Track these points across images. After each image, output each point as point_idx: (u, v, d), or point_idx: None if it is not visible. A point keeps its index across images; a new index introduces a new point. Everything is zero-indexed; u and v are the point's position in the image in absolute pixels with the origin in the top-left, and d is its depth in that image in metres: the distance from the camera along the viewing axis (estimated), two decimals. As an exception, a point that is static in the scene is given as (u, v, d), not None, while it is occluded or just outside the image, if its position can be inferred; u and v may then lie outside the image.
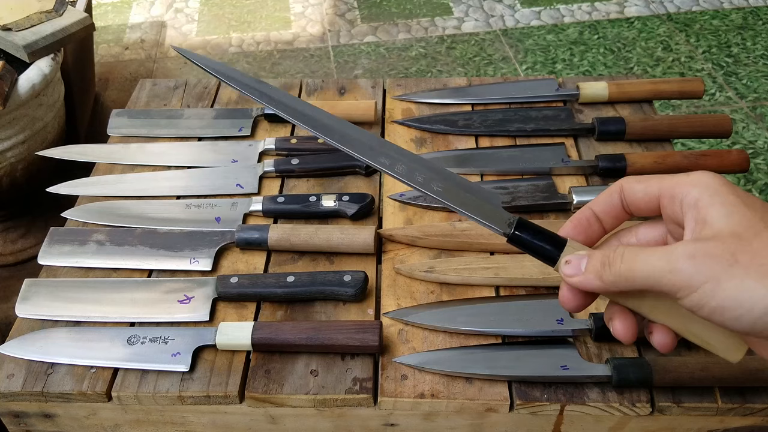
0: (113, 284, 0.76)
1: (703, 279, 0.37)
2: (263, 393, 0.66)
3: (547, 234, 0.46)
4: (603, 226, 0.46)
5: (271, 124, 0.99)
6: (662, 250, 0.39)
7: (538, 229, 0.47)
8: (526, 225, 0.47)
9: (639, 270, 0.39)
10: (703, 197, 0.39)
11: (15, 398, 0.68)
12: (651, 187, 0.42)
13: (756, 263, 0.36)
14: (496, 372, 0.66)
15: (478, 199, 0.48)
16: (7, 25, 1.09)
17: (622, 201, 0.44)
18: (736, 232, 0.37)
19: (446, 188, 0.48)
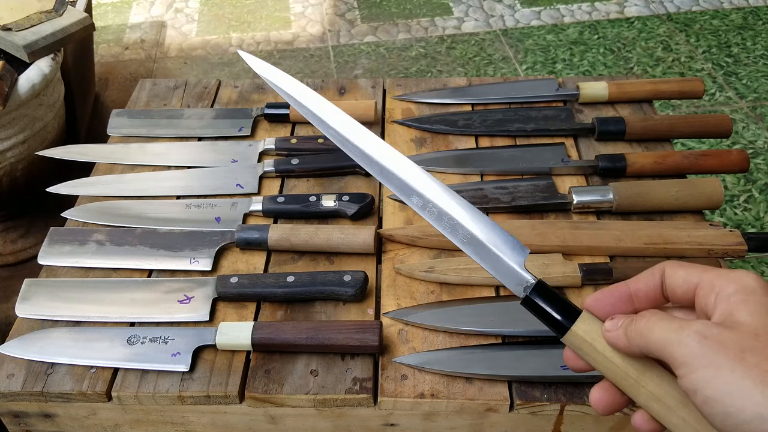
0: (113, 284, 0.76)
1: (705, 362, 0.36)
2: (263, 393, 0.66)
3: (562, 302, 0.45)
4: (635, 306, 0.44)
5: (271, 124, 0.99)
6: (681, 322, 0.39)
7: (554, 297, 0.45)
8: (544, 290, 0.45)
9: (655, 331, 0.39)
10: (739, 294, 0.38)
11: (15, 398, 0.68)
12: (692, 275, 0.41)
13: (761, 367, 0.35)
14: (496, 372, 0.66)
15: (502, 254, 0.47)
16: (7, 25, 1.09)
17: (663, 283, 0.43)
18: (756, 331, 0.36)
19: (471, 239, 0.47)
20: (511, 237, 0.48)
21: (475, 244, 0.47)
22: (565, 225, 0.80)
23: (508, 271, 0.47)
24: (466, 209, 0.49)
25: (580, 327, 0.43)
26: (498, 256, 0.47)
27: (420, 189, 0.49)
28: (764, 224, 1.56)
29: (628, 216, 0.83)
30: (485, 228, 0.48)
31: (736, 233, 0.77)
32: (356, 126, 0.52)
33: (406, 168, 0.50)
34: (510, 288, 0.46)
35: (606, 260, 0.78)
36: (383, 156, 0.51)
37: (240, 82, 1.08)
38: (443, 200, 0.49)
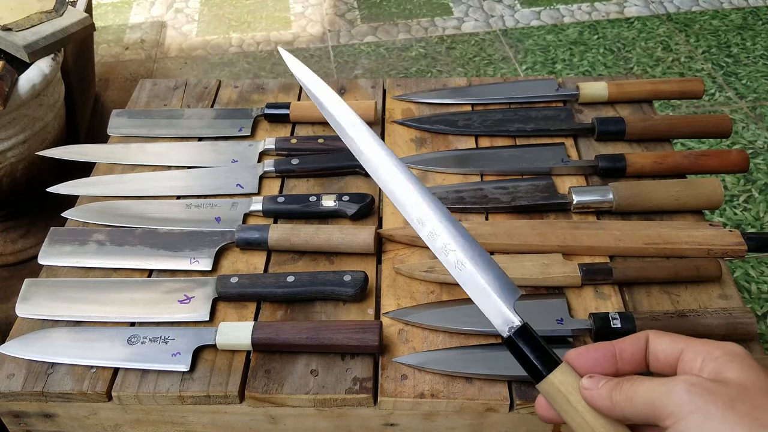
0: (113, 284, 0.76)
1: (693, 408, 0.36)
2: (263, 393, 0.66)
3: (543, 349, 0.44)
4: (617, 366, 0.43)
5: (271, 124, 0.99)
6: (666, 378, 0.39)
7: (537, 343, 0.45)
8: (528, 334, 0.45)
9: (641, 390, 0.39)
10: (726, 355, 0.39)
11: (15, 398, 0.69)
12: (677, 342, 0.41)
13: (750, 416, 0.35)
14: (496, 372, 0.66)
15: (493, 290, 0.47)
16: (7, 25, 1.09)
17: (647, 347, 0.43)
18: (744, 384, 0.37)
19: (468, 274, 0.48)
20: (505, 276, 0.48)
21: (468, 275, 0.48)
22: (565, 225, 0.80)
23: (496, 308, 0.47)
24: (468, 240, 0.49)
25: (557, 376, 0.43)
26: (489, 291, 0.47)
27: (430, 219, 0.50)
28: (764, 224, 1.56)
29: (628, 216, 0.83)
30: (482, 261, 0.48)
31: (735, 233, 0.77)
32: (379, 148, 0.54)
33: (422, 198, 0.51)
34: (495, 325, 0.46)
35: (606, 260, 0.78)
36: (400, 185, 0.52)
37: (240, 82, 1.08)
38: (449, 229, 0.49)
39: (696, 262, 0.75)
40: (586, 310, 0.73)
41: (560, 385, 0.43)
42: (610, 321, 0.68)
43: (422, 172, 0.90)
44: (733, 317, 0.68)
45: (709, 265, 0.74)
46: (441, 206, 0.51)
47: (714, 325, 0.68)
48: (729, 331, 0.68)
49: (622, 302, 0.73)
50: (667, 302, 0.74)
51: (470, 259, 0.48)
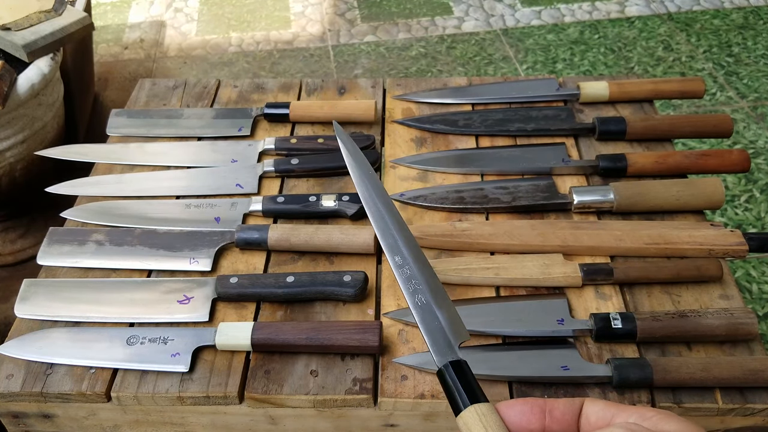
0: (113, 284, 0.76)
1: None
2: (263, 393, 0.66)
3: (472, 388, 0.44)
4: (545, 424, 0.42)
5: (270, 124, 0.99)
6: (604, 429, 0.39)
7: (467, 380, 0.44)
8: (461, 370, 0.45)
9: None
10: (660, 415, 0.39)
11: (14, 398, 0.68)
12: (610, 407, 0.41)
13: None
14: (497, 372, 0.66)
15: (445, 327, 0.48)
16: (6, 25, 1.09)
17: (580, 412, 0.42)
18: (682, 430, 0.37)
19: (423, 306, 0.50)
20: (460, 321, 0.50)
21: (426, 311, 0.50)
22: (566, 225, 0.80)
23: (442, 341, 0.47)
24: (434, 283, 0.52)
25: (479, 410, 0.42)
26: (441, 327, 0.49)
27: (404, 251, 0.53)
28: (765, 224, 1.55)
29: (628, 216, 0.83)
30: (442, 302, 0.51)
31: (737, 233, 0.77)
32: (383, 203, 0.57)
33: (400, 232, 0.55)
34: (433, 356, 0.46)
35: (607, 260, 0.78)
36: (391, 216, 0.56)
37: (240, 82, 1.07)
38: (419, 265, 0.52)
39: (697, 262, 0.74)
40: (587, 310, 0.73)
41: (481, 417, 0.41)
42: (611, 321, 0.68)
43: (422, 172, 0.90)
44: (734, 317, 0.68)
45: (710, 266, 0.74)
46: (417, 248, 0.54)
47: (715, 325, 0.68)
48: (730, 332, 0.68)
49: (623, 302, 0.73)
50: (668, 302, 0.73)
51: (432, 297, 0.51)
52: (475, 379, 0.44)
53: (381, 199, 0.57)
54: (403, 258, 0.53)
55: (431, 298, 0.50)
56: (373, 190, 0.58)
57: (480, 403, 0.42)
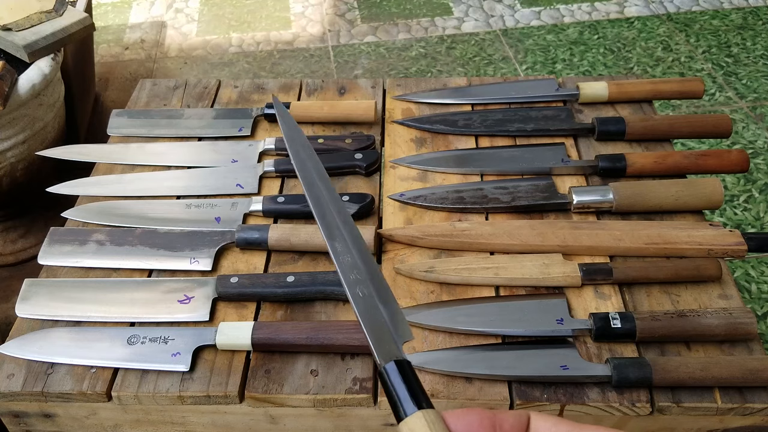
0: (113, 284, 0.76)
1: None
2: (263, 393, 0.66)
3: (415, 391, 0.40)
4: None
5: (270, 124, 0.99)
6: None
7: (411, 382, 0.41)
8: (405, 371, 0.42)
9: None
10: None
11: (15, 398, 0.68)
12: (560, 426, 0.38)
13: None
14: (496, 372, 0.66)
15: (387, 323, 0.45)
16: (7, 25, 1.09)
17: (528, 427, 0.39)
18: None
19: (365, 298, 0.46)
20: (404, 319, 0.46)
21: (367, 303, 0.46)
22: (565, 225, 0.80)
23: (385, 339, 0.44)
24: (377, 275, 0.48)
25: (428, 416, 0.39)
26: (383, 323, 0.45)
27: (346, 237, 0.49)
28: (764, 224, 1.56)
29: (628, 216, 0.83)
30: (385, 296, 0.47)
31: (736, 233, 0.77)
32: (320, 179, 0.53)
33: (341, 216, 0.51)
34: (375, 353, 0.43)
35: (606, 260, 0.78)
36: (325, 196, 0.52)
37: (240, 82, 1.08)
38: (362, 256, 0.48)
39: (696, 262, 0.75)
40: (586, 310, 0.73)
41: (430, 426, 0.38)
42: (610, 321, 0.68)
43: (422, 172, 0.90)
44: (733, 317, 0.68)
45: (709, 265, 0.74)
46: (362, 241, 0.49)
47: (714, 325, 0.68)
48: (729, 331, 0.68)
49: (622, 302, 0.73)
50: (668, 302, 0.74)
51: (376, 292, 0.46)
52: (419, 382, 0.41)
53: (322, 183, 0.53)
54: (345, 246, 0.49)
55: (374, 291, 0.46)
56: (312, 168, 0.53)
57: (427, 409, 0.39)
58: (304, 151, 0.55)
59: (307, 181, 0.53)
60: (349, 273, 0.47)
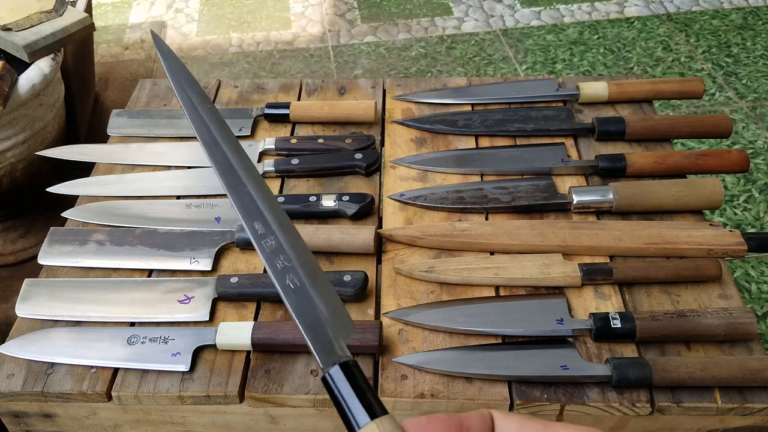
0: (113, 284, 0.76)
1: None
2: (263, 393, 0.66)
3: (367, 397, 0.35)
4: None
5: (271, 124, 0.99)
6: None
7: (361, 386, 0.36)
8: (352, 373, 0.37)
9: None
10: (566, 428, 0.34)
11: (15, 398, 0.68)
12: (529, 425, 0.36)
13: None
14: (496, 372, 0.66)
15: (325, 317, 0.39)
16: (7, 25, 1.09)
17: (493, 427, 0.36)
18: None
19: (300, 288, 0.39)
20: (343, 308, 0.40)
21: (300, 295, 0.39)
22: (565, 225, 0.80)
23: (324, 337, 0.38)
24: (308, 259, 0.41)
25: (381, 427, 0.34)
26: (321, 318, 0.39)
27: (267, 215, 0.42)
28: (764, 224, 1.56)
29: (628, 216, 0.83)
30: (320, 284, 0.40)
31: (735, 233, 0.77)
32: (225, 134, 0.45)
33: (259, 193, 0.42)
34: (316, 356, 0.38)
35: (606, 260, 0.78)
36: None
37: (240, 82, 1.08)
38: (287, 236, 0.41)
39: (696, 262, 0.75)
40: (586, 310, 0.73)
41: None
42: (610, 321, 0.68)
43: (422, 172, 0.90)
44: (733, 317, 0.68)
45: (709, 265, 0.74)
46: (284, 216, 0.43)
47: (714, 324, 0.68)
48: (729, 331, 0.68)
49: (622, 302, 0.73)
50: (668, 302, 0.74)
51: (309, 279, 0.40)
52: (368, 383, 0.37)
53: (229, 145, 0.44)
54: (265, 225, 0.41)
55: (306, 278, 0.40)
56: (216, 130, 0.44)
57: (381, 417, 0.34)
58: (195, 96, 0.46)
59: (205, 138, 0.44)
60: (274, 260, 0.40)
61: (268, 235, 0.41)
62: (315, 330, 0.38)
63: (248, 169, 0.43)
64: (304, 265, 0.40)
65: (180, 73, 0.49)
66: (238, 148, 0.44)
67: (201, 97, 0.47)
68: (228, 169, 0.43)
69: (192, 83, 0.48)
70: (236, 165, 0.43)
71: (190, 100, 0.46)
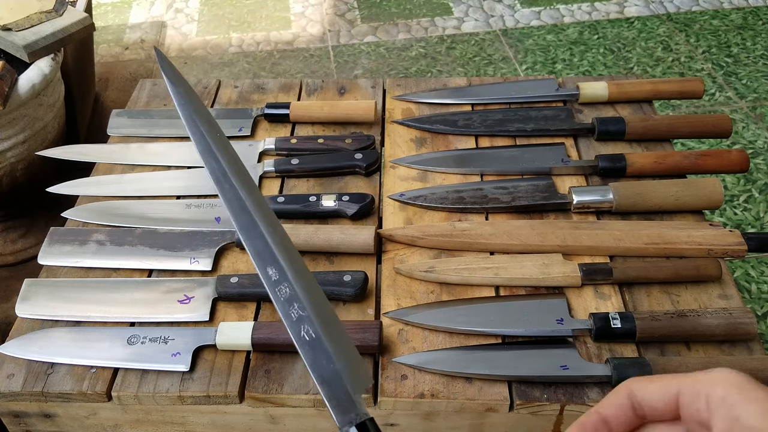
0: (113, 284, 0.76)
1: None
2: (263, 393, 0.66)
3: None
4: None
5: (271, 124, 0.99)
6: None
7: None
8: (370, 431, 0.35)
9: None
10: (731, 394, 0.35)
11: (15, 398, 0.68)
12: (668, 387, 0.36)
13: None
14: (496, 372, 0.66)
15: (343, 372, 0.37)
16: (7, 25, 1.09)
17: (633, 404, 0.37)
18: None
19: (315, 340, 0.38)
20: (361, 360, 0.39)
21: (317, 348, 0.38)
22: (565, 225, 0.80)
23: (341, 393, 0.37)
24: (324, 306, 0.39)
25: None
26: (337, 373, 0.38)
27: (281, 260, 0.40)
28: (764, 224, 1.56)
29: (628, 216, 0.83)
30: (337, 336, 0.39)
31: (735, 233, 0.77)
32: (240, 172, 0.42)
33: (273, 234, 0.40)
34: (333, 414, 0.37)
35: (606, 260, 0.78)
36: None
37: (240, 82, 1.08)
38: (302, 284, 0.39)
39: (696, 262, 0.75)
40: (586, 310, 0.73)
41: None
42: (610, 321, 0.68)
43: (422, 172, 0.90)
44: (733, 317, 0.68)
45: (709, 265, 0.74)
46: (298, 259, 0.41)
47: (714, 325, 0.68)
48: (729, 331, 0.68)
49: (622, 302, 0.73)
50: (668, 302, 0.74)
51: (326, 331, 0.39)
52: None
53: (240, 179, 0.42)
54: (280, 271, 0.40)
55: (322, 330, 0.38)
56: (228, 166, 0.42)
57: None
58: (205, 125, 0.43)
59: (215, 172, 0.41)
60: (288, 309, 0.39)
61: (282, 281, 0.40)
62: (331, 385, 0.37)
63: (259, 205, 0.40)
64: (320, 314, 0.38)
65: (191, 102, 0.47)
66: (249, 183, 0.41)
67: (211, 127, 0.45)
68: (239, 208, 0.41)
69: (203, 111, 0.46)
70: (247, 202, 0.41)
71: (201, 133, 0.45)
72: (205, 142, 0.44)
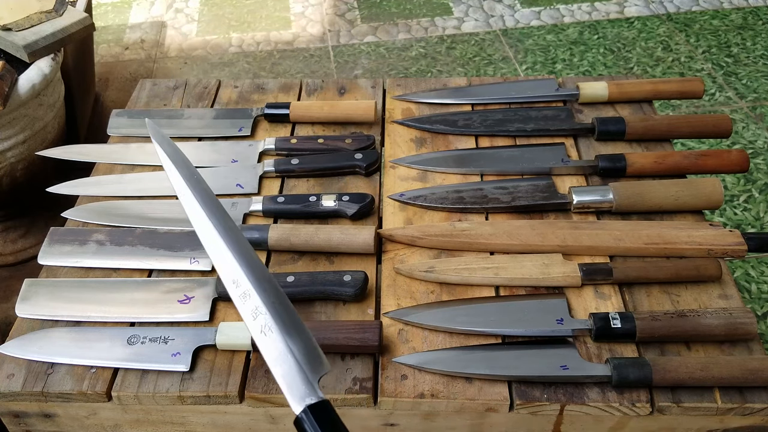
0: (113, 284, 0.76)
1: None
2: (263, 393, 0.66)
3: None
4: None
5: (271, 124, 0.99)
6: None
7: (337, 422, 0.36)
8: (325, 415, 0.37)
9: None
10: None
11: (15, 398, 0.68)
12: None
13: None
14: (496, 372, 0.66)
15: (298, 359, 0.40)
16: (7, 25, 1.09)
17: None
18: None
19: (272, 331, 0.41)
20: (317, 348, 0.41)
21: (273, 339, 0.41)
22: (565, 225, 0.80)
23: (296, 377, 0.40)
24: (283, 306, 0.42)
25: None
26: (293, 360, 0.40)
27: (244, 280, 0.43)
28: (764, 224, 1.56)
29: (628, 216, 0.83)
30: (293, 326, 0.41)
31: (735, 233, 0.77)
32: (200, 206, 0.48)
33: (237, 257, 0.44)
34: (289, 398, 0.39)
35: (606, 260, 0.78)
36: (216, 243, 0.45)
37: (240, 82, 1.08)
38: (261, 292, 0.42)
39: (696, 262, 0.75)
40: (586, 310, 0.73)
41: None
42: (610, 321, 0.68)
43: (422, 172, 0.90)
44: (733, 317, 0.68)
45: (709, 265, 0.74)
46: (261, 268, 0.44)
47: (714, 325, 0.68)
48: (729, 331, 0.68)
49: (622, 302, 0.73)
50: (668, 302, 0.74)
51: (281, 323, 0.42)
52: (342, 424, 0.37)
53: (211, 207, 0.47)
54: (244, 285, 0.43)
55: (278, 321, 0.41)
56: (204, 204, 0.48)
57: None
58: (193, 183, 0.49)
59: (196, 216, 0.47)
60: (252, 318, 0.41)
61: (248, 297, 0.42)
62: (288, 373, 0.39)
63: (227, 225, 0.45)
64: (275, 306, 0.41)
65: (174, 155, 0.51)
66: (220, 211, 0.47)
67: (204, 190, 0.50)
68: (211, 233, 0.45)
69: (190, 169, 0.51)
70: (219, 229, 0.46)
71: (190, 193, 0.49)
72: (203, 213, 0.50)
